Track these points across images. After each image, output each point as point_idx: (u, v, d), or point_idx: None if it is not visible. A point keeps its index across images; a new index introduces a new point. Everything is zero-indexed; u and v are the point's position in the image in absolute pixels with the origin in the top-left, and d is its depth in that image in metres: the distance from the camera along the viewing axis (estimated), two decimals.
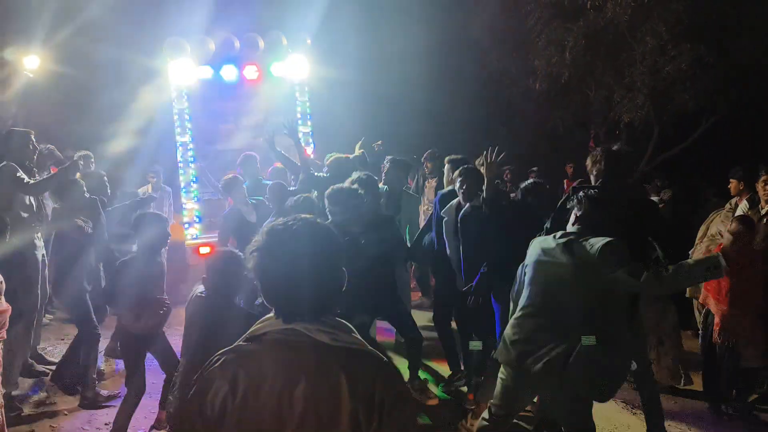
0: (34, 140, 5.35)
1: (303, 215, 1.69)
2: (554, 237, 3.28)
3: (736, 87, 10.51)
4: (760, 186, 5.29)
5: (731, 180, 5.83)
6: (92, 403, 4.84)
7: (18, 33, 8.80)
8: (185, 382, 3.19)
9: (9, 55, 8.50)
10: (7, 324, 3.75)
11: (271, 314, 1.64)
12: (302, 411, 1.50)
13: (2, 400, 3.79)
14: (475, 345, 4.74)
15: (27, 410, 4.76)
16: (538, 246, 3.35)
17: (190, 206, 8.51)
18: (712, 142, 11.55)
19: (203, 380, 1.57)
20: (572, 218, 3.33)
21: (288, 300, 1.59)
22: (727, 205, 5.83)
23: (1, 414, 3.68)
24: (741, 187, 5.71)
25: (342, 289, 1.69)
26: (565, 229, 3.37)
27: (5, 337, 3.76)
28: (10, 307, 3.80)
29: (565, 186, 9.64)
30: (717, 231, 5.86)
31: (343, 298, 1.66)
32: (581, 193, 3.32)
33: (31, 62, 8.45)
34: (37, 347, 5.74)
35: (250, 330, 1.63)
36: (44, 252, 5.35)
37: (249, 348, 1.59)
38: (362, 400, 1.51)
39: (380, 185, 5.82)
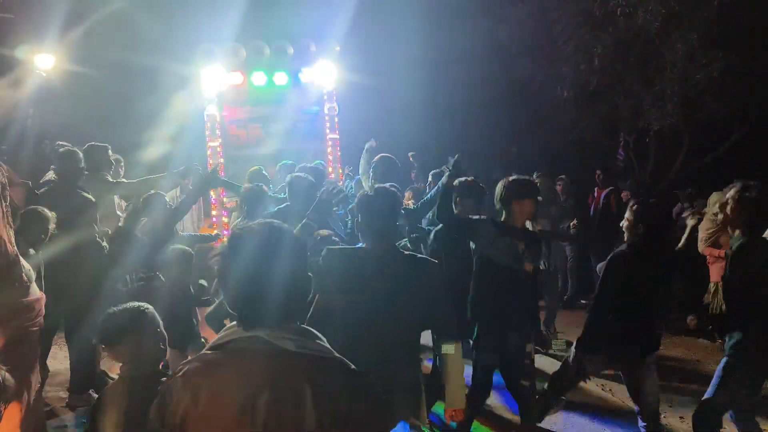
0: (110, 153, 5.75)
1: (269, 219, 1.66)
2: None
3: None
4: None
5: None
6: None
7: (32, 33, 8.84)
8: None
9: (21, 54, 8.55)
10: (43, 311, 3.85)
11: (236, 322, 1.60)
12: (265, 421, 1.46)
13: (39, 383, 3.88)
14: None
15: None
16: None
17: (216, 212, 8.67)
18: (743, 150, 11.36)
19: (166, 389, 1.55)
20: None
21: (248, 305, 1.55)
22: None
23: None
24: None
25: (308, 296, 1.65)
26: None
27: (43, 324, 3.88)
28: (44, 295, 3.91)
29: (596, 193, 9.56)
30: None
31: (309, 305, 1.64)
32: None
33: (44, 61, 8.53)
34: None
35: (215, 338, 1.60)
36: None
37: (211, 357, 1.55)
38: (327, 410, 1.46)
39: None
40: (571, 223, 8.11)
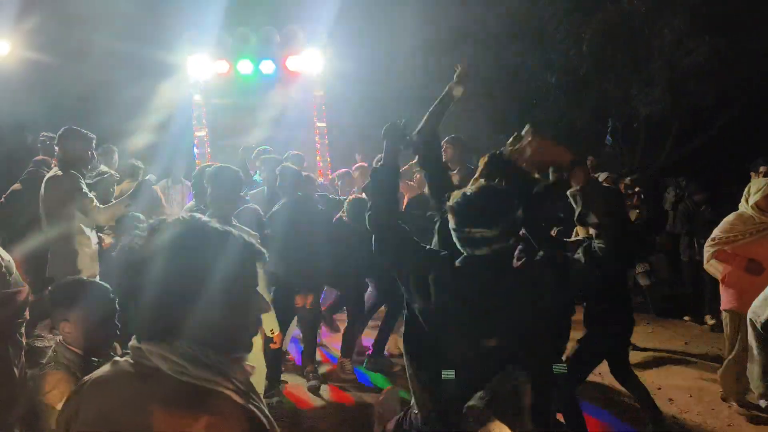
0: (94, 145, 4.93)
1: (191, 215, 1.38)
2: None
3: (756, 79, 10.36)
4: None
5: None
6: None
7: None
8: None
9: None
10: (28, 303, 3.78)
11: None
12: None
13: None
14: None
15: None
16: None
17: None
18: (731, 135, 11.39)
19: (67, 398, 1.39)
20: None
21: (130, 311, 1.33)
22: None
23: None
24: None
25: (208, 311, 1.27)
26: None
27: (28, 317, 3.81)
28: (28, 288, 3.84)
29: None
30: None
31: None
32: None
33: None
34: None
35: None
36: None
37: (106, 369, 1.34)
38: None
39: None
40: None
